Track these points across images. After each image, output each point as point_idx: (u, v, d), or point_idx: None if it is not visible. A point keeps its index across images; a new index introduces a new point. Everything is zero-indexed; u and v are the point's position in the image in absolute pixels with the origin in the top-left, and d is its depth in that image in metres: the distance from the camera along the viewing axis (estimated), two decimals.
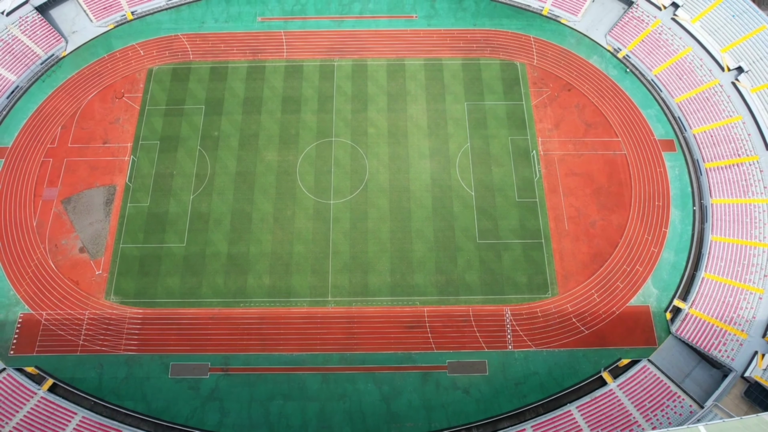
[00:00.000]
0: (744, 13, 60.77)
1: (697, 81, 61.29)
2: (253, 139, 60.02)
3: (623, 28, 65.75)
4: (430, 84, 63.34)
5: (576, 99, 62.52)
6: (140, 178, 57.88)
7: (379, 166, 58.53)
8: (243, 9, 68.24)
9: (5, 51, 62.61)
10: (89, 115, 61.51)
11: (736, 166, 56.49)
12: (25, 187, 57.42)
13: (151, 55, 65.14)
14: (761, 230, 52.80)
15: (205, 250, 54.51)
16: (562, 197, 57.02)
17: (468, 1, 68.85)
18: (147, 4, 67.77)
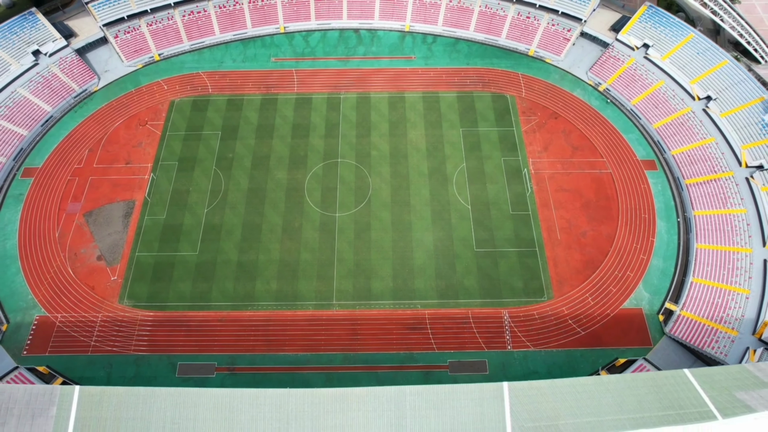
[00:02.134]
0: (707, 51, 67.87)
1: (672, 109, 67.14)
2: (265, 160, 64.86)
3: (602, 65, 72.82)
4: (428, 113, 69.24)
5: (562, 125, 68.07)
6: (158, 194, 62.00)
7: (381, 183, 62.79)
8: (258, 51, 75.99)
9: (44, 86, 69.28)
10: (114, 139, 66.87)
11: (714, 181, 60.71)
12: (51, 202, 61.41)
13: (173, 89, 71.79)
14: (742, 237, 56.02)
15: (217, 258, 57.39)
16: (554, 210, 60.69)
17: (461, 44, 76.78)
18: (173, 48, 75.66)
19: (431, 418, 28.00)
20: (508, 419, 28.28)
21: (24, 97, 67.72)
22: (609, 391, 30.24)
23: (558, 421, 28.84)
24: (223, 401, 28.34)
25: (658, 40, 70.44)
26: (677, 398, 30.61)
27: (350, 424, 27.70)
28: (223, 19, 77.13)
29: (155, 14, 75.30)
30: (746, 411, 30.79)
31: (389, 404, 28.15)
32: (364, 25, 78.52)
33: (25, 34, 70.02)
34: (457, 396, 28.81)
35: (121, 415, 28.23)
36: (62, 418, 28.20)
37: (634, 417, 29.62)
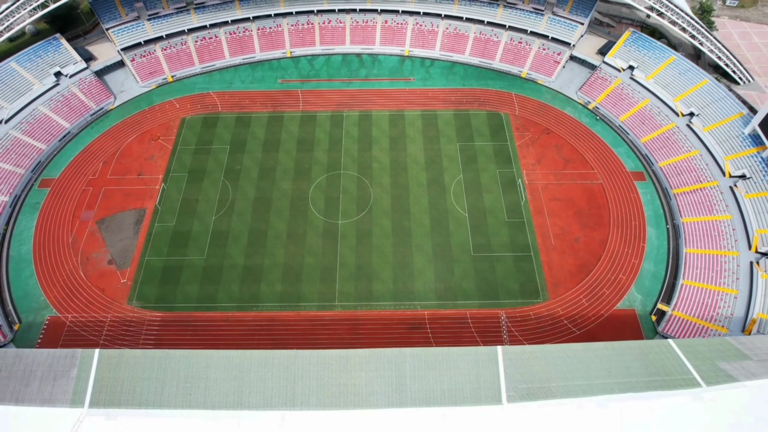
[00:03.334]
0: (688, 71, 72.20)
1: (658, 125, 70.78)
2: (271, 171, 67.98)
3: (591, 86, 77.08)
4: (426, 129, 72.89)
5: (554, 140, 71.55)
6: (168, 203, 64.73)
7: (382, 193, 65.61)
8: (266, 73, 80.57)
9: (63, 104, 73.33)
10: (128, 153, 70.23)
11: (700, 190, 63.55)
12: (66, 210, 64.08)
13: (185, 108, 75.82)
14: (728, 241, 58.35)
15: (223, 262, 59.50)
16: (547, 218, 63.22)
17: (457, 67, 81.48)
18: (185, 70, 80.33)
19: (429, 378, 29.66)
20: (503, 380, 29.94)
21: (44, 114, 71.58)
22: (598, 357, 31.98)
23: (550, 383, 30.48)
24: (234, 362, 30.07)
25: (642, 62, 74.96)
26: (663, 366, 32.31)
27: (353, 383, 29.35)
28: (233, 45, 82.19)
29: (170, 40, 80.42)
30: (729, 380, 32.48)
31: (390, 365, 29.86)
32: (366, 50, 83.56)
33: (49, 56, 74.68)
34: (454, 358, 30.54)
35: (137, 375, 29.93)
36: (82, 378, 29.92)
37: (621, 381, 31.26)
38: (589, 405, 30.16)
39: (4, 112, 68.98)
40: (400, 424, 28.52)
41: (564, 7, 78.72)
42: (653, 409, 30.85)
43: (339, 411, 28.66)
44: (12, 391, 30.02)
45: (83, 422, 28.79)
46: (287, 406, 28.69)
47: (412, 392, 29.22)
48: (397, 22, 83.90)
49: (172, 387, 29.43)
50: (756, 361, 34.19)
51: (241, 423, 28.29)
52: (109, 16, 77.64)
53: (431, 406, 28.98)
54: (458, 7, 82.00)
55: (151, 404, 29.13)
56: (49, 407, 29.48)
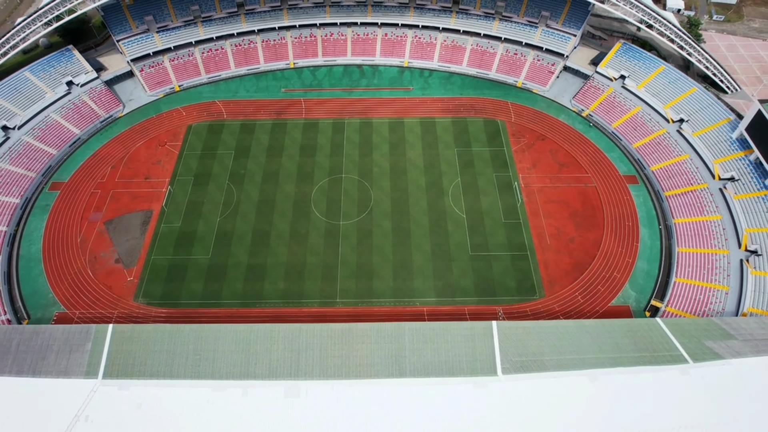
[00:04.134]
0: (677, 80, 74.95)
1: (649, 131, 73.14)
2: (275, 175, 70.03)
3: (584, 94, 79.73)
4: (425, 135, 75.24)
5: (549, 146, 73.80)
6: (174, 205, 66.60)
7: (382, 196, 67.54)
8: (270, 83, 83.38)
9: (74, 111, 75.87)
10: (135, 158, 72.43)
11: (691, 192, 65.49)
12: (75, 212, 65.92)
13: (191, 115, 78.35)
14: (719, 240, 60.07)
15: (228, 261, 61.06)
16: (543, 219, 65.00)
17: (455, 77, 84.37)
18: (192, 80, 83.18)
19: (428, 351, 31.05)
20: (497, 353, 31.34)
21: (55, 121, 74.04)
22: (589, 333, 33.40)
23: (543, 357, 31.86)
24: (241, 335, 31.52)
25: (633, 72, 77.74)
26: (651, 343, 33.72)
27: (355, 354, 30.74)
28: (239, 56, 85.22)
29: (177, 51, 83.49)
30: (715, 357, 33.93)
31: (390, 338, 31.28)
32: (367, 61, 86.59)
33: (62, 67, 77.55)
34: (451, 333, 31.98)
35: (149, 348, 31.35)
36: (96, 352, 31.35)
37: (611, 356, 32.65)
38: (580, 378, 31.52)
39: (18, 119, 71.44)
40: (400, 394, 29.85)
41: (557, 20, 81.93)
42: (643, 382, 32.20)
43: (341, 381, 30.02)
44: (29, 364, 31.46)
45: (97, 392, 30.15)
46: (292, 376, 30.06)
47: (411, 364, 30.62)
48: (397, 35, 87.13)
49: (182, 359, 30.85)
50: (741, 341, 35.67)
51: (248, 392, 29.64)
52: (120, 29, 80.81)
53: (429, 377, 30.36)
54: (456, 21, 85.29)
55: (161, 375, 30.52)
56: (64, 378, 30.88)
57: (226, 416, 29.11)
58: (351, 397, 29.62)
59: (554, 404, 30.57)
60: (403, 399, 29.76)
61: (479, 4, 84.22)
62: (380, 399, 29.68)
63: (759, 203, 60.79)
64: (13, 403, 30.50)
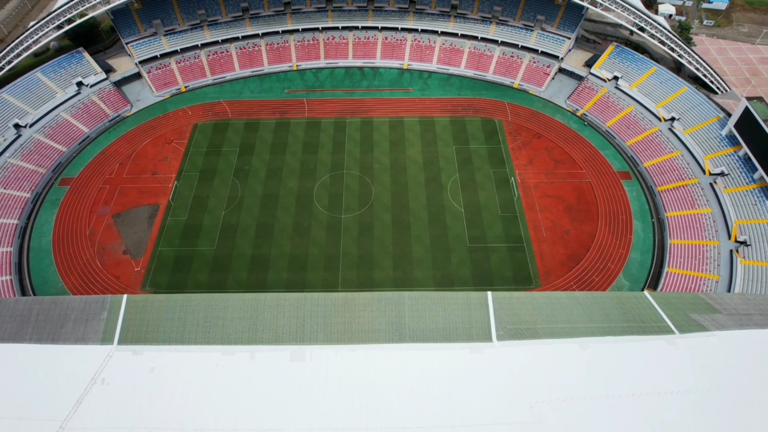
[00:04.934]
0: (669, 81, 77.35)
1: (642, 129, 75.31)
2: (278, 171, 72.06)
3: (579, 95, 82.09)
4: (424, 134, 77.43)
5: (545, 144, 75.94)
6: (180, 199, 68.52)
7: (383, 191, 69.48)
8: (273, 84, 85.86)
9: (84, 111, 78.18)
10: (143, 155, 74.53)
11: (683, 187, 67.44)
12: (84, 206, 67.81)
13: (197, 115, 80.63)
14: (709, 232, 61.92)
15: (232, 252, 62.80)
16: (539, 212, 66.85)
17: (454, 79, 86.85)
18: (197, 81, 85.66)
19: (426, 318, 32.66)
20: (492, 321, 32.96)
21: (65, 120, 76.28)
22: (579, 304, 35.03)
23: (536, 325, 33.48)
24: (249, 303, 33.15)
25: (626, 73, 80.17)
26: (639, 314, 35.33)
27: (357, 321, 32.35)
28: (243, 58, 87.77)
29: (184, 53, 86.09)
30: (700, 329, 35.51)
31: (390, 306, 32.92)
32: (368, 64, 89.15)
33: (72, 68, 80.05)
34: (448, 301, 33.64)
35: (161, 316, 32.98)
36: (111, 320, 32.98)
37: (601, 326, 34.25)
38: (571, 345, 33.12)
39: (29, 117, 73.70)
40: (400, 358, 31.47)
41: (552, 23, 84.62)
42: (631, 350, 33.79)
43: (344, 345, 31.65)
44: (48, 332, 33.10)
45: (112, 357, 31.75)
46: (297, 341, 31.70)
47: (410, 330, 32.24)
48: (397, 39, 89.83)
49: (193, 326, 32.48)
50: (725, 315, 37.28)
51: (255, 356, 31.24)
52: (129, 32, 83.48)
53: (428, 342, 32.00)
54: (454, 25, 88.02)
55: (173, 341, 32.12)
56: (82, 345, 32.47)
57: (235, 378, 30.68)
58: (353, 361, 31.19)
59: (547, 369, 32.13)
60: (402, 363, 31.34)
61: (476, 9, 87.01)
62: (381, 362, 31.25)
63: (748, 196, 62.75)
64: (34, 368, 32.09)
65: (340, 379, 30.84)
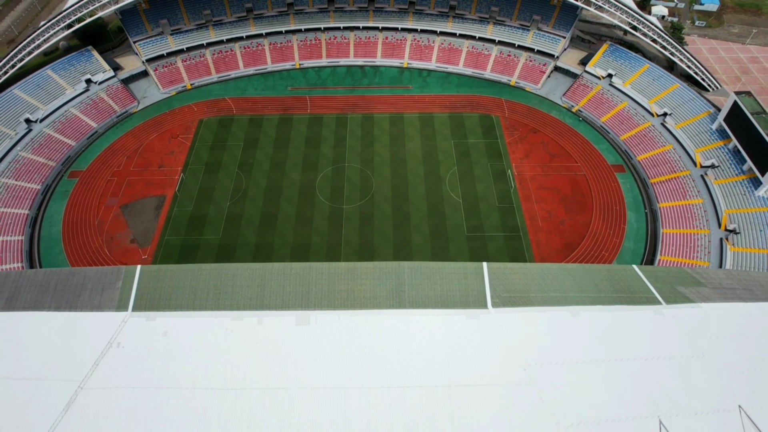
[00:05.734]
0: (661, 77, 79.61)
1: (635, 124, 77.41)
2: (281, 164, 74.05)
3: (574, 92, 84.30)
4: (423, 129, 79.53)
5: (541, 138, 78.00)
6: (186, 191, 70.43)
7: (383, 183, 71.42)
8: (277, 82, 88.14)
9: (92, 107, 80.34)
10: (149, 149, 76.56)
11: (675, 179, 69.40)
12: (93, 197, 69.72)
13: (202, 111, 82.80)
14: (700, 221, 63.80)
15: (237, 241, 64.60)
16: (535, 203, 68.73)
17: (452, 77, 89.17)
18: (202, 79, 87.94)
19: (425, 286, 34.39)
20: (488, 289, 34.69)
21: (74, 115, 78.41)
22: (571, 275, 36.78)
23: (529, 294, 35.21)
24: (257, 272, 34.88)
25: (619, 71, 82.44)
26: (628, 286, 37.08)
27: (359, 288, 34.09)
28: (247, 57, 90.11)
29: (189, 52, 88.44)
30: (686, 301, 37.24)
31: (390, 274, 34.65)
32: (368, 62, 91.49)
33: (81, 66, 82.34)
34: (446, 271, 35.36)
35: (173, 284, 34.73)
36: (126, 289, 34.73)
37: (591, 296, 35.99)
38: (563, 313, 34.85)
39: (40, 113, 75.84)
40: (400, 323, 33.23)
41: (548, 23, 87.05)
42: (620, 318, 35.53)
43: (347, 311, 33.39)
44: (66, 300, 34.85)
45: (127, 323, 33.49)
46: (302, 307, 33.45)
47: (410, 297, 33.97)
48: (397, 39, 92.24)
49: (203, 293, 34.21)
50: (710, 288, 39.04)
51: (263, 321, 32.98)
52: (137, 31, 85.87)
53: (426, 308, 33.76)
54: (452, 25, 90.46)
55: (184, 307, 33.84)
56: (98, 312, 34.20)
57: (244, 341, 32.39)
58: (356, 325, 32.90)
59: (539, 334, 33.83)
60: (402, 327, 33.05)
61: (474, 9, 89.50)
62: (382, 327, 32.97)
63: (737, 187, 64.71)
64: (53, 334, 33.81)
65: (343, 342, 32.56)
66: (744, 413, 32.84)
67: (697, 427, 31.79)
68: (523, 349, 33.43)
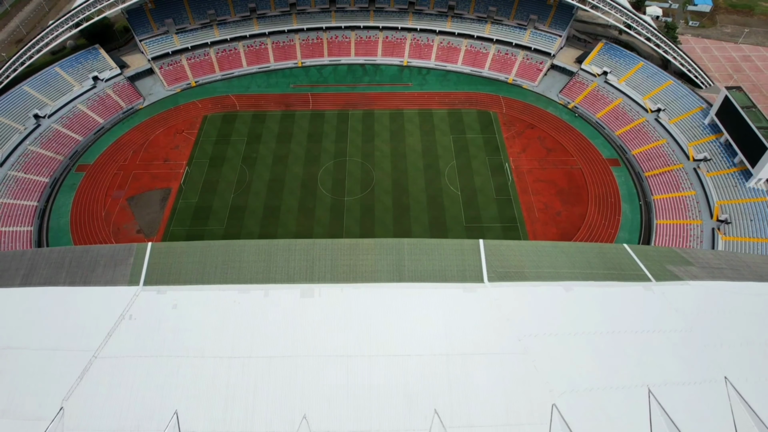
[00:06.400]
0: (655, 74, 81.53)
1: (630, 120, 79.23)
2: (284, 159, 75.76)
3: (570, 89, 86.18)
4: (423, 124, 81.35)
5: (538, 133, 79.79)
6: (191, 183, 72.09)
7: (383, 176, 73.09)
8: (279, 80, 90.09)
9: (99, 103, 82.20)
10: (155, 143, 78.30)
11: (668, 172, 71.08)
12: (100, 190, 71.35)
13: (206, 107, 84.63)
14: (693, 212, 65.45)
15: (241, 231, 66.17)
16: (532, 195, 70.37)
17: (451, 75, 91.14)
18: (207, 77, 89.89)
19: (423, 261, 35.95)
20: (484, 265, 36.25)
21: (82, 111, 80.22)
22: (563, 252, 38.35)
23: (523, 269, 36.77)
24: (263, 248, 36.48)
25: (614, 68, 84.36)
26: (618, 263, 38.65)
27: (361, 263, 35.64)
28: (250, 56, 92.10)
29: (194, 51, 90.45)
30: (675, 278, 38.83)
31: (391, 250, 36.22)
32: (369, 61, 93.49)
33: (89, 63, 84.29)
34: (444, 247, 36.95)
35: (183, 260, 36.28)
36: (138, 264, 36.28)
37: (584, 272, 37.54)
38: (556, 288, 36.41)
39: (48, 108, 77.62)
40: (400, 296, 34.75)
41: (544, 22, 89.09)
42: (611, 294, 37.08)
43: (349, 284, 34.92)
44: (80, 275, 36.42)
45: (139, 296, 35.02)
46: (307, 280, 34.98)
47: (409, 271, 35.52)
48: (397, 38, 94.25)
49: (212, 268, 35.77)
50: (698, 267, 40.65)
51: (269, 293, 34.50)
52: (143, 30, 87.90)
53: (425, 282, 35.30)
54: (451, 24, 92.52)
55: (194, 281, 35.38)
56: (111, 287, 35.76)
57: (251, 313, 33.88)
58: (357, 298, 34.39)
59: (533, 307, 35.31)
60: (402, 300, 34.52)
61: (473, 9, 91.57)
62: (383, 299, 34.44)
63: (729, 179, 66.40)
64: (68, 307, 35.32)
65: (345, 313, 34.08)
66: (730, 384, 34.34)
67: (685, 396, 33.30)
68: (518, 321, 34.96)
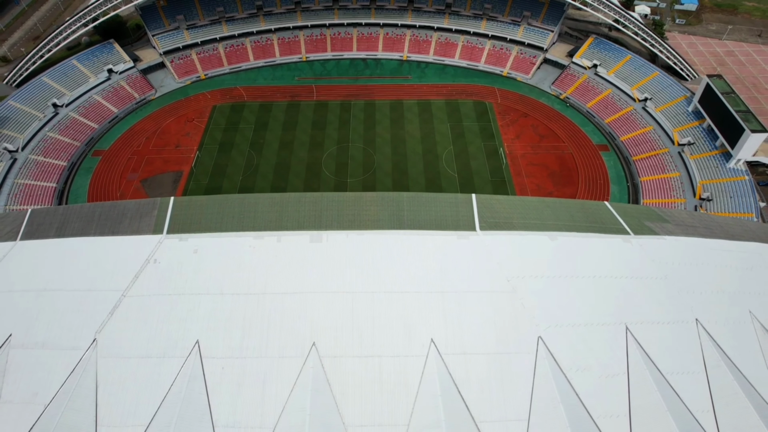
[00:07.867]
0: (642, 66, 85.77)
1: (619, 108, 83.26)
2: (290, 144, 79.68)
3: (562, 81, 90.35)
4: (421, 113, 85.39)
5: (531, 121, 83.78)
6: (202, 167, 75.93)
7: (384, 160, 76.94)
8: (285, 73, 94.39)
9: (113, 93, 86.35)
10: (167, 131, 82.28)
11: (655, 156, 74.91)
12: (115, 172, 75.19)
13: (215, 98, 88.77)
14: (677, 192, 69.27)
15: None
16: (525, 177, 74.12)
17: (448, 68, 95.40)
18: (215, 70, 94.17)
19: (421, 212, 39.51)
20: (476, 215, 39.81)
21: (97, 101, 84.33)
22: (548, 207, 41.96)
23: (512, 220, 40.34)
24: (276, 200, 40.08)
25: (604, 61, 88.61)
26: (600, 218, 42.22)
27: (365, 213, 39.18)
28: (257, 51, 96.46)
29: (203, 46, 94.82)
30: (652, 233, 42.40)
31: (391, 202, 39.82)
32: (370, 55, 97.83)
33: (104, 57, 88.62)
34: (439, 200, 40.54)
35: (203, 212, 39.87)
36: (161, 216, 39.84)
37: (567, 224, 41.09)
38: (542, 237, 39.93)
39: (65, 98, 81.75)
40: (400, 241, 38.32)
41: (537, 18, 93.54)
42: (592, 244, 40.63)
43: (354, 231, 38.49)
44: (109, 226, 40.01)
45: (162, 243, 38.56)
46: (315, 228, 38.54)
47: (408, 221, 39.06)
48: (397, 34, 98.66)
49: (229, 218, 39.33)
50: (673, 224, 44.26)
51: (281, 239, 38.04)
52: (155, 25, 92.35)
53: (423, 230, 38.89)
54: (448, 21, 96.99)
55: (212, 229, 38.90)
56: (137, 236, 39.33)
57: (265, 256, 37.37)
58: (361, 243, 37.90)
59: (521, 253, 38.78)
60: (402, 245, 37.99)
61: (469, 7, 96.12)
62: (384, 244, 37.95)
63: (710, 161, 70.27)
64: (98, 254, 38.83)
65: (350, 256, 37.60)
66: (701, 325, 37.93)
67: (660, 334, 36.89)
68: (507, 264, 38.54)
